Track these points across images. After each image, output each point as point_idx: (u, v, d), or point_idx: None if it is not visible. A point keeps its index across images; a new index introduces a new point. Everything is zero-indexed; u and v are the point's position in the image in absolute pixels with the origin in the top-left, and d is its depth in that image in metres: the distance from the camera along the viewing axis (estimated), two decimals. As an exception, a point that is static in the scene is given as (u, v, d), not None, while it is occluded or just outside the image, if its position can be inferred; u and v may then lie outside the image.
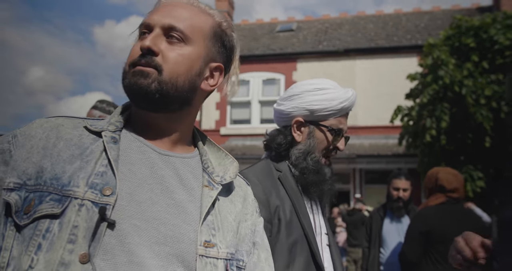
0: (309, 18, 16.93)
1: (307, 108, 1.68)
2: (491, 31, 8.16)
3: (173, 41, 1.01)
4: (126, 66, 1.01)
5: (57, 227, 0.85)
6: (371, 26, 15.20)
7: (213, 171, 1.09)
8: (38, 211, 0.86)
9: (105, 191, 0.89)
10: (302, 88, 1.73)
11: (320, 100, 1.67)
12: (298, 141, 1.72)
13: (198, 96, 1.09)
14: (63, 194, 0.87)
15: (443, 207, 3.21)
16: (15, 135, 0.97)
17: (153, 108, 1.02)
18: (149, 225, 0.91)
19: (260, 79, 14.29)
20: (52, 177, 0.90)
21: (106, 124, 1.02)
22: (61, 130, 0.98)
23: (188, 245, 0.94)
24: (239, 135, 13.79)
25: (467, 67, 8.08)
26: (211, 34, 1.08)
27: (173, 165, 1.03)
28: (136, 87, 0.97)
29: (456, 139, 8.36)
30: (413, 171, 9.49)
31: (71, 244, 0.83)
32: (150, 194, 0.95)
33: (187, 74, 1.02)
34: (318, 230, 1.70)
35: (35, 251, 0.83)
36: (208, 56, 1.07)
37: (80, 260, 0.82)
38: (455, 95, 8.11)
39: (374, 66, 13.54)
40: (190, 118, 1.12)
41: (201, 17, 1.07)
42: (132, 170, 0.96)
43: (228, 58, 1.16)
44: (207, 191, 1.03)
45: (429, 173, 3.45)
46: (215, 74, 1.11)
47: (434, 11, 15.59)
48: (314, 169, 1.67)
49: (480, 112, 7.77)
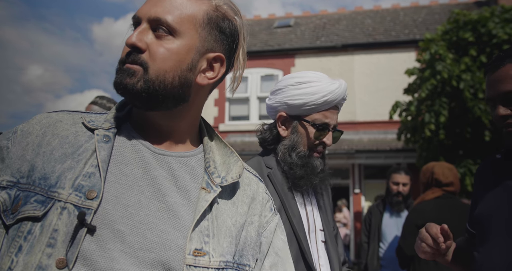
0: (307, 14, 16.91)
1: (288, 103, 1.64)
2: (489, 25, 8.15)
3: (161, 34, 0.94)
4: (117, 64, 0.96)
5: (38, 229, 0.83)
6: (369, 21, 15.18)
7: (214, 171, 1.02)
8: (22, 212, 0.84)
9: (90, 194, 0.85)
10: (285, 82, 1.68)
11: (301, 94, 1.61)
12: (283, 136, 1.69)
13: (195, 91, 1.01)
14: (48, 196, 0.85)
15: (439, 201, 3.23)
16: (15, 131, 0.96)
17: (145, 107, 0.97)
18: (134, 230, 0.87)
19: (258, 76, 14.28)
20: (41, 177, 0.88)
21: (102, 122, 0.98)
22: (59, 126, 0.96)
23: (176, 252, 0.89)
24: (237, 131, 13.88)
25: (465, 62, 8.09)
26: (205, 21, 0.98)
27: (169, 165, 0.98)
28: (122, 86, 0.93)
29: (455, 133, 8.39)
30: (412, 165, 9.52)
31: (50, 248, 0.81)
32: (139, 197, 0.91)
33: (176, 70, 0.95)
34: (312, 227, 1.66)
35: (15, 252, 0.82)
36: (204, 46, 0.98)
37: (57, 265, 0.80)
38: (453, 90, 8.13)
39: (372, 61, 13.53)
40: (191, 115, 1.04)
41: (193, 3, 0.98)
42: (123, 171, 0.92)
43: (230, 46, 1.04)
44: (204, 194, 0.96)
45: (424, 168, 3.47)
46: (215, 66, 1.02)
47: (432, 5, 15.57)
48: (300, 164, 1.63)
49: (478, 106, 7.79)
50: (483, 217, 1.54)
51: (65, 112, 1.01)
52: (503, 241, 1.43)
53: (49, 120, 0.97)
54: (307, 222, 1.65)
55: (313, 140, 1.65)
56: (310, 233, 1.64)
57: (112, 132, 0.96)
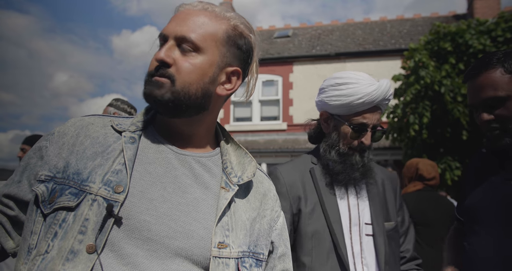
0: (303, 25, 16.88)
1: (327, 103, 1.55)
2: (466, 36, 8.18)
3: (186, 51, 0.95)
4: (146, 75, 0.98)
5: (71, 218, 0.84)
6: (359, 32, 15.20)
7: (232, 171, 1.03)
8: (58, 203, 0.86)
9: (117, 188, 0.87)
10: (327, 82, 1.58)
11: (338, 95, 1.51)
12: (326, 133, 1.60)
13: (214, 101, 1.02)
14: (80, 189, 0.87)
15: (420, 193, 3.28)
16: (53, 133, 0.98)
17: (170, 115, 0.99)
18: (159, 220, 0.88)
19: (259, 81, 14.29)
20: (75, 172, 0.89)
21: (129, 125, 0.99)
22: (90, 128, 0.97)
23: (198, 241, 0.90)
24: (241, 131, 13.87)
25: (445, 69, 8.11)
26: (225, 39, 0.99)
27: (189, 164, 0.99)
28: (152, 97, 0.95)
29: (436, 133, 8.40)
30: (398, 162, 9.57)
31: (81, 235, 0.83)
32: (162, 192, 0.91)
33: (199, 82, 0.96)
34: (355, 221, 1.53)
35: (51, 238, 0.84)
36: (223, 61, 1.00)
37: (87, 250, 0.82)
38: (434, 94, 8.16)
39: (363, 68, 13.54)
40: (209, 121, 1.06)
41: (214, 23, 0.99)
42: (147, 169, 0.93)
43: (246, 61, 1.05)
44: (223, 193, 0.97)
45: (408, 163, 3.50)
46: (232, 79, 1.03)
47: (416, 18, 15.57)
48: (338, 160, 1.54)
49: (457, 109, 7.82)
50: (471, 208, 1.51)
51: (96, 116, 1.02)
52: (491, 234, 1.40)
53: (82, 123, 0.99)
54: (348, 216, 1.54)
55: (351, 140, 1.54)
56: (352, 227, 1.53)
57: (138, 135, 0.97)
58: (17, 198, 0.95)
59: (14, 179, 0.97)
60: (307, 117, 1.78)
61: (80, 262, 0.81)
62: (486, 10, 13.29)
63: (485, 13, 13.07)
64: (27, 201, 0.93)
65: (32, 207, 0.90)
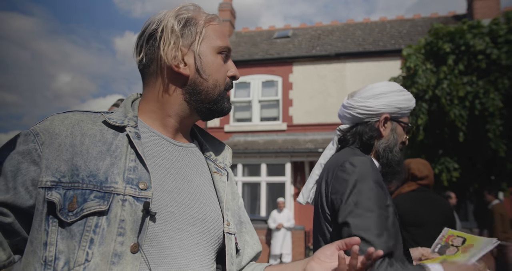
0: (303, 26, 16.94)
1: (396, 106, 1.67)
2: (467, 36, 8.22)
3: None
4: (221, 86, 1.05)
5: (105, 222, 0.83)
6: (359, 32, 15.27)
7: (216, 158, 1.12)
8: (86, 209, 0.83)
9: (140, 185, 0.87)
10: (387, 88, 1.71)
11: (404, 100, 1.68)
12: (382, 135, 1.69)
13: None
14: (104, 191, 0.85)
15: (414, 194, 3.27)
16: (36, 133, 0.91)
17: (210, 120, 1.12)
18: (181, 210, 0.93)
19: (259, 81, 14.36)
20: (89, 174, 0.86)
21: (126, 120, 0.97)
22: (83, 126, 0.93)
23: (211, 224, 0.99)
24: (241, 132, 13.95)
25: (443, 70, 8.19)
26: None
27: (186, 154, 1.05)
28: (227, 112, 1.09)
29: (435, 134, 8.46)
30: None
31: (121, 236, 0.83)
32: (175, 183, 0.96)
33: None
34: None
35: (88, 245, 0.81)
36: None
37: (131, 250, 0.83)
38: (431, 96, 8.24)
39: (362, 69, 13.63)
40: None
41: None
42: (156, 163, 0.95)
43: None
44: (218, 177, 1.07)
45: None
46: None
47: (415, 18, 15.64)
48: (398, 160, 1.67)
49: (453, 111, 7.89)
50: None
51: (78, 112, 0.97)
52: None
53: (70, 120, 0.94)
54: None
55: (403, 140, 1.71)
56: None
57: (138, 130, 0.97)
58: (14, 205, 0.87)
59: (7, 186, 0.87)
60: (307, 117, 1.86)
61: (127, 263, 0.82)
62: (486, 10, 13.36)
63: (485, 13, 13.16)
64: (25, 208, 0.88)
65: (41, 216, 0.85)
